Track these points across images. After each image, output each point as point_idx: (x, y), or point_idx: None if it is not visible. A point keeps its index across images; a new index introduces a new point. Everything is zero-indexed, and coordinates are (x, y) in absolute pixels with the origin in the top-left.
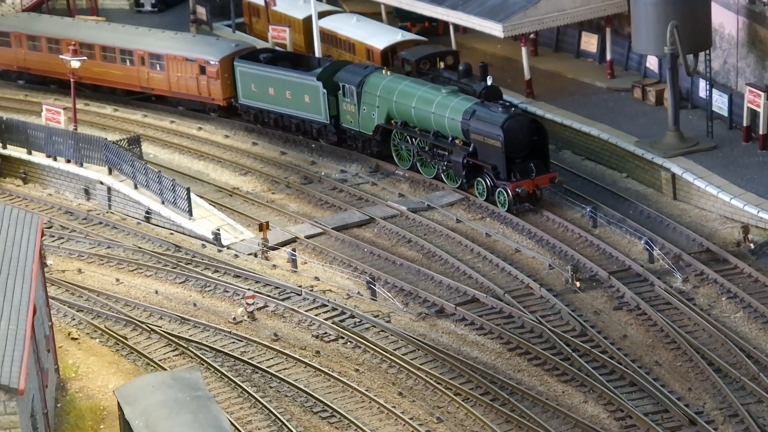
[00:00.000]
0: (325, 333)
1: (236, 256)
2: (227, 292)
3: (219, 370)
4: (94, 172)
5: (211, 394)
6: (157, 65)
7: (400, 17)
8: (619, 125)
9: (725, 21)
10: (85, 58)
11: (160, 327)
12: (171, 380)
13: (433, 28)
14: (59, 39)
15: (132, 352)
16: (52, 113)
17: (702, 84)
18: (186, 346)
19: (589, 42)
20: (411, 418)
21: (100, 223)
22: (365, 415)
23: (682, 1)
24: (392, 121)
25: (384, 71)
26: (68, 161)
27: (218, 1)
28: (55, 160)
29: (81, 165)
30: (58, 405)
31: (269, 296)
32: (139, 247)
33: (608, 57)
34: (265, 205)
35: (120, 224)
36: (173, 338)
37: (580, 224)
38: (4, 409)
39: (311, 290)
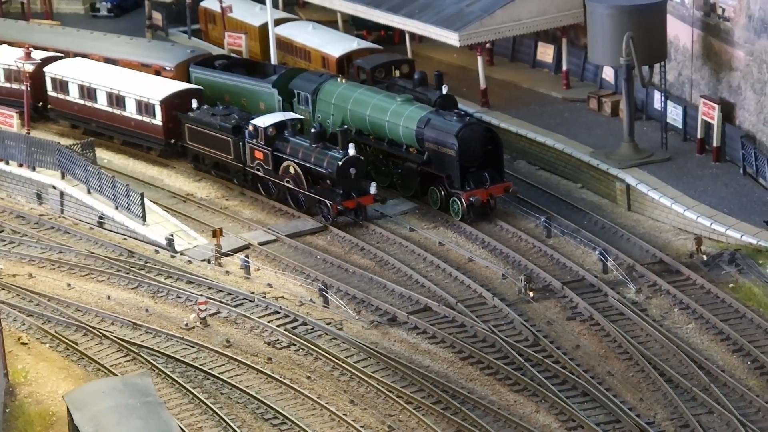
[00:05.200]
0: (278, 340)
1: (189, 262)
2: (180, 297)
3: (170, 376)
4: (47, 176)
5: (162, 400)
6: None
7: (356, 25)
8: (575, 136)
9: (680, 33)
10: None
11: (112, 332)
12: (121, 386)
13: (389, 37)
14: (13, 43)
15: (83, 358)
16: (5, 116)
17: (657, 96)
18: (137, 351)
19: (545, 52)
20: (362, 426)
21: (52, 227)
22: (316, 423)
23: (638, 13)
24: (346, 129)
25: (339, 79)
26: (20, 165)
27: (174, 7)
28: (8, 163)
29: (33, 169)
30: (7, 410)
31: (222, 302)
32: (92, 252)
33: (564, 67)
34: (218, 212)
35: (72, 229)
36: (125, 344)
37: (534, 234)
38: None
39: (264, 297)
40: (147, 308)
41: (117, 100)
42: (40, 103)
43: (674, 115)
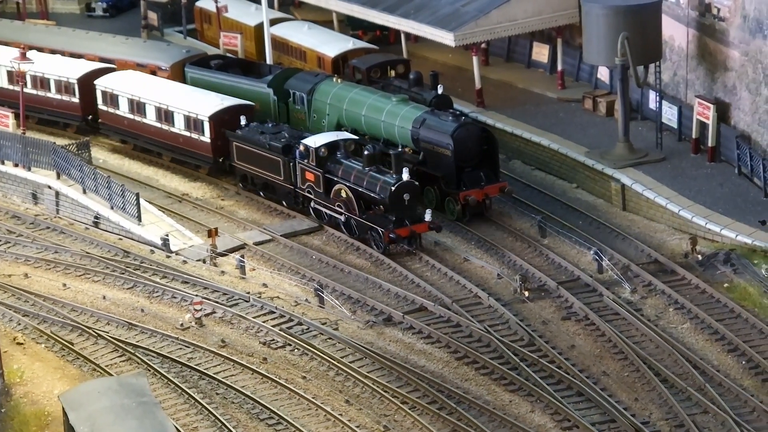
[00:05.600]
0: (273, 340)
1: (185, 262)
2: (175, 298)
3: (166, 376)
4: (43, 176)
5: (157, 400)
6: None
7: (351, 25)
8: (570, 136)
9: (675, 33)
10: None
11: (107, 332)
12: (117, 386)
13: (385, 37)
14: (8, 42)
15: (78, 358)
16: (0, 116)
17: (652, 96)
18: (133, 351)
19: (541, 52)
20: (358, 426)
21: (48, 227)
22: (312, 423)
23: (633, 13)
24: (342, 129)
25: (335, 79)
26: (16, 165)
27: (170, 7)
28: (3, 163)
29: (29, 169)
30: (2, 410)
31: (217, 302)
32: (87, 252)
33: (559, 67)
34: (214, 212)
35: (68, 229)
36: (120, 344)
37: (530, 234)
38: None
39: (259, 297)
40: (142, 308)
41: (166, 116)
42: (90, 117)
43: (669, 115)
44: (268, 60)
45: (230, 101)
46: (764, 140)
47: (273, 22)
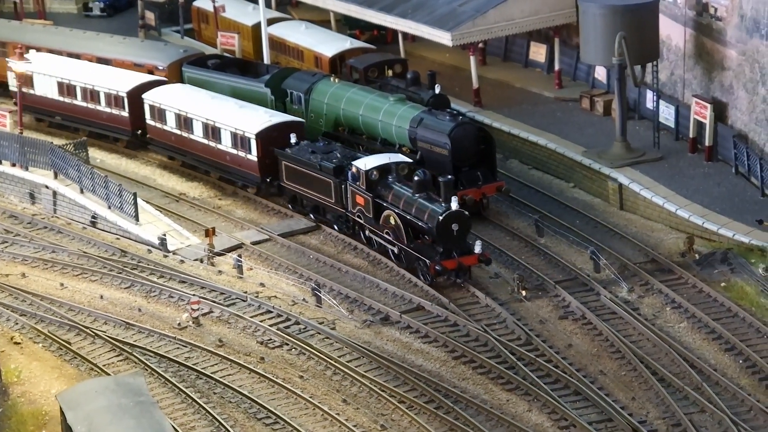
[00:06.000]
0: (270, 339)
1: (182, 261)
2: (172, 297)
3: (163, 375)
4: (40, 176)
5: (155, 400)
6: None
7: (349, 25)
8: (567, 135)
9: (673, 33)
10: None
11: (105, 332)
12: (114, 385)
13: (382, 37)
14: (6, 42)
15: (75, 357)
16: None
17: (649, 95)
18: (130, 351)
19: (538, 52)
20: (355, 426)
21: (45, 227)
22: (309, 422)
23: (631, 13)
24: (339, 129)
25: (332, 79)
26: (13, 165)
27: (167, 7)
28: (0, 163)
29: (26, 169)
30: (0, 410)
31: (214, 302)
32: (85, 252)
33: (556, 67)
34: (211, 211)
35: (65, 229)
36: (117, 343)
37: (527, 233)
38: None
39: (256, 296)
40: (140, 308)
41: (213, 132)
42: (139, 131)
43: (666, 114)
44: (266, 60)
45: (279, 117)
46: (761, 139)
47: (270, 21)
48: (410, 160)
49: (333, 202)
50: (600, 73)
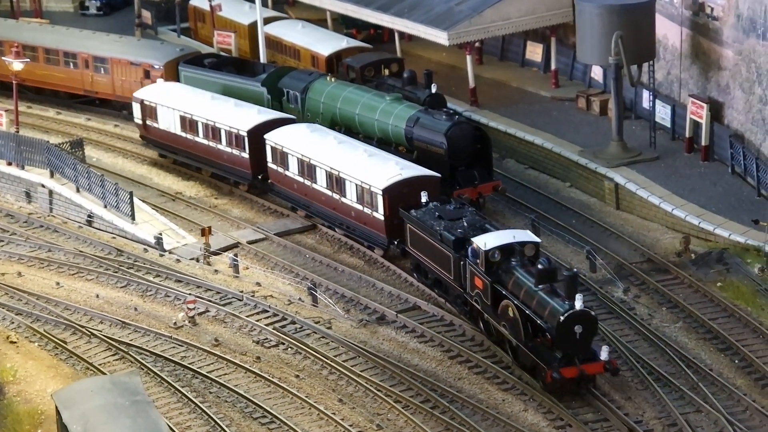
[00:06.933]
0: (266, 339)
1: (178, 260)
2: (168, 296)
3: (159, 374)
4: (36, 175)
5: (150, 399)
6: (101, 68)
7: (345, 24)
8: (563, 134)
9: (669, 32)
10: (28, 60)
11: (101, 331)
12: (110, 385)
13: (379, 36)
14: (2, 41)
15: (71, 356)
16: None
17: (645, 95)
18: (126, 350)
19: (534, 51)
20: (351, 425)
21: (41, 226)
22: (305, 422)
23: (627, 12)
24: (336, 128)
25: (328, 78)
26: (9, 164)
27: (163, 6)
28: None
29: (22, 168)
30: None
31: (210, 301)
32: (81, 251)
33: (553, 66)
34: (207, 210)
35: (61, 228)
36: (113, 342)
37: None
38: None
39: (252, 296)
40: (135, 307)
41: (337, 183)
42: (260, 176)
43: (663, 114)
44: (262, 59)
45: (411, 171)
46: (757, 139)
47: (267, 20)
48: (538, 240)
49: (452, 279)
50: (596, 72)
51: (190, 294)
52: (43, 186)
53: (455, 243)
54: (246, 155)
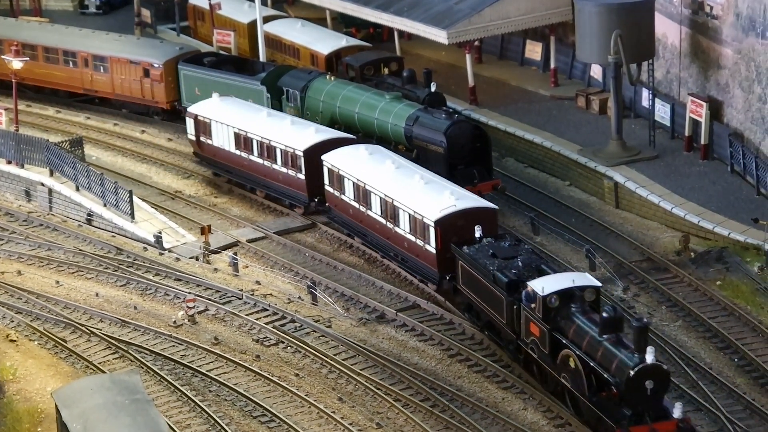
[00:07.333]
0: (266, 337)
1: (178, 259)
2: (168, 295)
3: (158, 373)
4: (36, 173)
5: (150, 398)
6: (101, 67)
7: (345, 23)
8: (563, 133)
9: (669, 31)
10: (28, 59)
11: (100, 330)
12: (110, 383)
13: (378, 34)
14: (1, 39)
15: (71, 355)
16: None
17: (645, 93)
18: (126, 349)
19: (534, 50)
20: (350, 424)
21: (41, 224)
22: (304, 420)
23: (627, 11)
24: (335, 126)
25: (328, 76)
26: (9, 162)
27: (163, 4)
28: None
29: (22, 166)
30: None
31: (210, 300)
32: (80, 250)
33: (552, 65)
34: (207, 209)
35: (61, 226)
36: (113, 341)
37: (522, 232)
38: None
39: (252, 294)
40: (135, 306)
41: (391, 212)
42: (317, 198)
43: (662, 112)
44: (262, 57)
45: (467, 202)
46: (757, 138)
47: (266, 19)
48: (599, 284)
49: (504, 323)
50: (596, 71)
51: (189, 292)
52: (42, 185)
53: (509, 285)
54: (302, 176)
